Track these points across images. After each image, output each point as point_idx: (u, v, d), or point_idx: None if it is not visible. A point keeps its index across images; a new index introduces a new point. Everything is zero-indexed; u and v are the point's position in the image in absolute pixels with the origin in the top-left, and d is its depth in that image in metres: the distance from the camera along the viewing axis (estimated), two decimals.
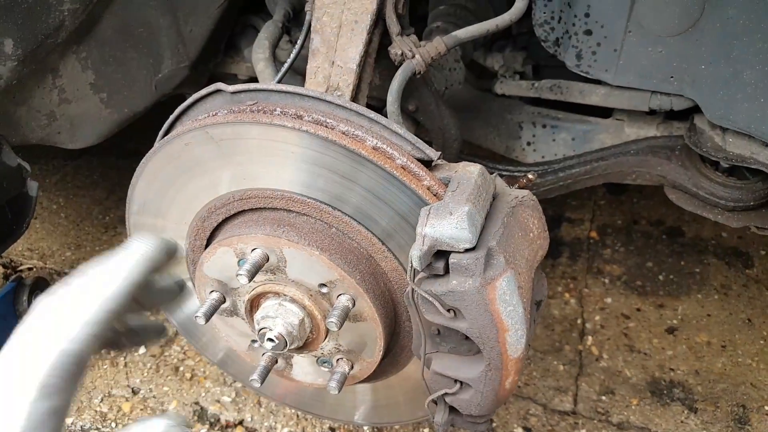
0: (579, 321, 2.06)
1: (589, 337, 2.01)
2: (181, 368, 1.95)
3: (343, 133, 0.92)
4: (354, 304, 1.00)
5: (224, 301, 1.10)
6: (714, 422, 1.75)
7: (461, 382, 0.99)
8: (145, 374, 1.94)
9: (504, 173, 1.58)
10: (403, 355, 1.11)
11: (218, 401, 1.85)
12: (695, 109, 1.40)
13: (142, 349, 2.00)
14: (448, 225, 0.86)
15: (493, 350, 0.92)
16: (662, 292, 2.13)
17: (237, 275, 0.95)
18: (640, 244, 2.32)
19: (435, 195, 0.93)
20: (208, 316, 1.06)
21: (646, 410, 1.80)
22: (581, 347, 1.98)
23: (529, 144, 1.69)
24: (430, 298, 0.90)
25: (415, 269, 0.90)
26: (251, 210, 1.05)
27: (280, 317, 1.01)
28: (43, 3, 1.28)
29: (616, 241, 2.34)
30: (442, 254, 0.90)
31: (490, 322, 0.89)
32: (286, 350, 1.03)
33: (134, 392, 1.89)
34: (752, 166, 1.32)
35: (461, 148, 1.52)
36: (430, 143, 1.44)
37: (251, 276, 0.96)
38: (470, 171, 0.93)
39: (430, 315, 0.94)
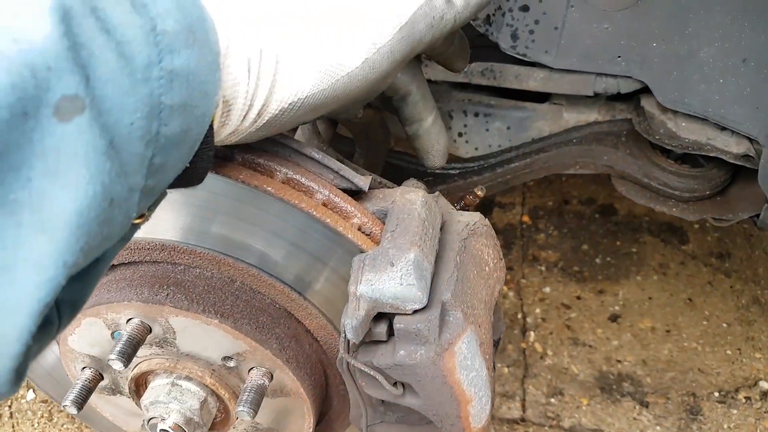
0: (519, 315, 1.93)
1: (532, 333, 1.89)
2: None
3: (242, 164, 0.68)
4: (272, 378, 0.77)
5: (102, 379, 0.85)
6: (666, 415, 1.67)
7: None
8: (36, 424, 1.65)
9: (436, 172, 1.39)
10: (337, 423, 0.90)
11: None
12: (641, 90, 1.26)
13: (30, 395, 1.71)
14: (389, 280, 0.65)
15: (453, 426, 0.73)
16: (601, 277, 2.03)
17: (108, 360, 0.71)
18: (573, 225, 2.21)
19: (368, 235, 0.71)
20: (80, 403, 0.80)
21: (597, 410, 1.69)
22: (524, 345, 1.85)
23: (460, 135, 1.50)
24: (372, 372, 0.70)
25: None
26: (125, 264, 0.79)
27: (174, 402, 0.77)
28: None
29: (549, 225, 2.22)
30: (383, 315, 0.69)
31: (450, 397, 0.69)
32: None
33: None
34: (710, 154, 1.19)
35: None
36: (353, 145, 1.22)
37: (127, 359, 0.71)
38: (411, 200, 0.72)
39: (371, 389, 0.73)
